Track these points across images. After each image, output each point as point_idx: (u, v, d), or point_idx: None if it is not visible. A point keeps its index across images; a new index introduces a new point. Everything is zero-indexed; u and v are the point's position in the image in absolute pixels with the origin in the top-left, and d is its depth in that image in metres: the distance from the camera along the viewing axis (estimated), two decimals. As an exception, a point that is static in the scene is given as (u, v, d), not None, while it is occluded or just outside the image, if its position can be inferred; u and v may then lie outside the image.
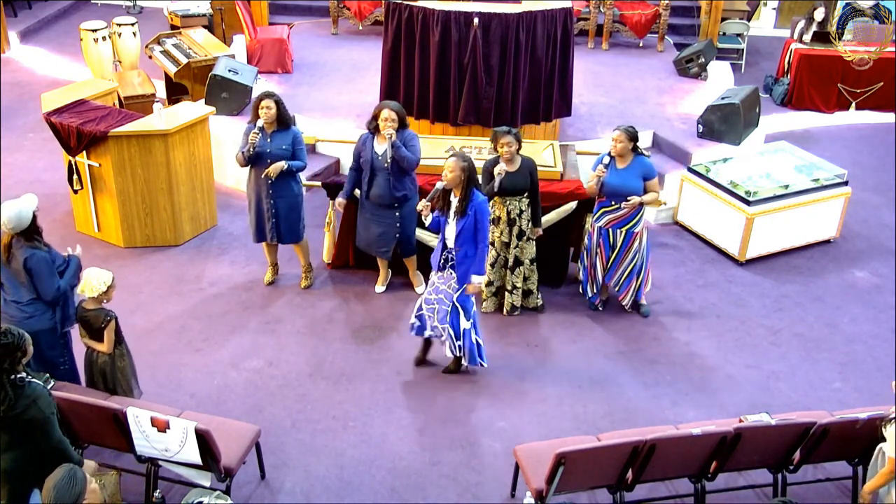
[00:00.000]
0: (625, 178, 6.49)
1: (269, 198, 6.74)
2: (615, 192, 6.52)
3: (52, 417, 4.17)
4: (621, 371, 6.41)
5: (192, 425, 4.53)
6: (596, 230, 6.75)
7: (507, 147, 6.36)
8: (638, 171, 6.52)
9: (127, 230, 7.62)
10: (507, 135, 6.38)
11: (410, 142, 6.59)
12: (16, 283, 5.18)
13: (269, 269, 7.26)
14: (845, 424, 4.86)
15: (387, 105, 6.57)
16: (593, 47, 11.63)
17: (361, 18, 11.65)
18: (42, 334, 5.23)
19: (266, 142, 6.59)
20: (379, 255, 6.97)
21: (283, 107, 6.63)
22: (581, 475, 4.72)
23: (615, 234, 6.67)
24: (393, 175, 6.57)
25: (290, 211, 6.83)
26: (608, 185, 6.51)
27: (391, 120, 6.46)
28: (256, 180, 6.73)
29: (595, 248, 6.80)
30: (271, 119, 6.57)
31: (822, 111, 10.94)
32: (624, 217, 6.59)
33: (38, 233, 5.19)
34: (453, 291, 5.89)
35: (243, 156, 6.58)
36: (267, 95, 6.58)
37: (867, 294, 7.44)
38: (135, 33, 10.16)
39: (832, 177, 7.98)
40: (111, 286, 5.24)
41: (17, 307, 5.20)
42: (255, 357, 6.42)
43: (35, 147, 9.35)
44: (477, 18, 7.80)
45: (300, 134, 6.81)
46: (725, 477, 5.13)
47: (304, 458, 5.53)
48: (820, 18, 10.93)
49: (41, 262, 5.13)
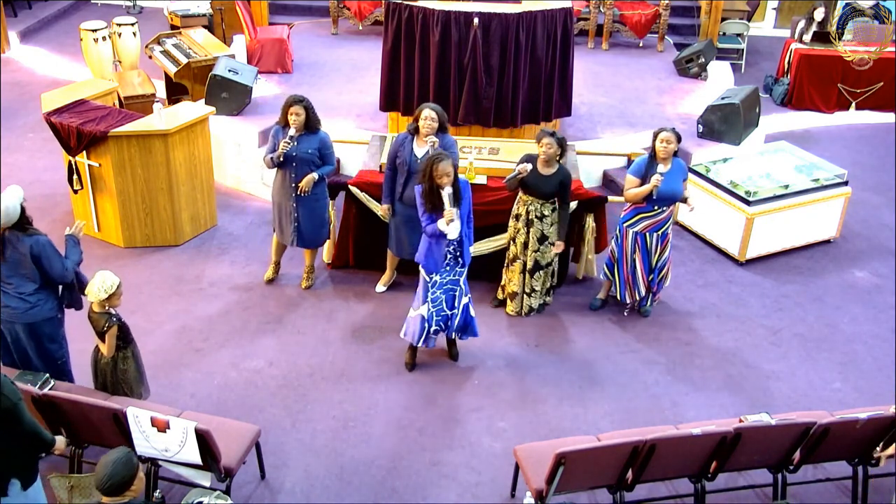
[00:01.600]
0: (671, 182, 6.35)
1: (294, 201, 6.72)
2: (664, 198, 6.39)
3: (20, 403, 4.18)
4: (621, 371, 6.41)
5: (192, 425, 4.53)
6: (630, 235, 6.61)
7: (546, 148, 6.32)
8: (680, 173, 6.47)
9: (127, 230, 7.62)
10: (549, 137, 6.34)
11: (451, 148, 6.42)
12: (18, 276, 5.17)
13: (271, 267, 7.25)
14: (845, 424, 4.86)
15: (428, 106, 6.44)
16: (593, 47, 11.63)
17: (361, 18, 11.65)
18: (45, 324, 5.26)
19: (293, 145, 6.57)
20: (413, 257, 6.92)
21: (312, 112, 6.59)
22: (581, 475, 4.72)
23: (652, 238, 6.60)
24: None
25: (313, 214, 6.82)
26: (661, 191, 6.33)
27: (431, 120, 6.36)
28: (282, 183, 6.71)
29: (631, 255, 6.67)
30: (300, 125, 6.54)
31: (822, 111, 10.95)
32: (661, 221, 6.53)
33: (28, 222, 5.19)
34: (459, 276, 5.95)
35: (272, 161, 6.58)
36: (297, 101, 6.53)
37: (867, 294, 7.44)
38: (135, 33, 10.16)
39: (832, 177, 7.98)
40: (114, 294, 5.15)
41: (20, 299, 5.19)
42: (255, 357, 6.42)
43: (35, 147, 9.35)
44: (477, 18, 7.80)
45: (328, 137, 6.76)
46: (725, 477, 5.13)
47: (304, 458, 5.53)
48: (820, 18, 10.94)
49: (45, 245, 5.14)
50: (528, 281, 6.76)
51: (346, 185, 7.11)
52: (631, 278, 6.78)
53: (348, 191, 7.10)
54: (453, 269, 5.94)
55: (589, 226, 7.05)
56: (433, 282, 5.96)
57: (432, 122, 6.37)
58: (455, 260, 5.93)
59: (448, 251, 5.88)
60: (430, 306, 5.99)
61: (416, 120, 6.48)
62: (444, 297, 6.00)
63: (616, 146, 8.91)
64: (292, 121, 6.50)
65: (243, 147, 8.62)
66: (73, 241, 5.37)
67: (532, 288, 6.79)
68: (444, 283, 5.96)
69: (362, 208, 7.12)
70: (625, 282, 6.82)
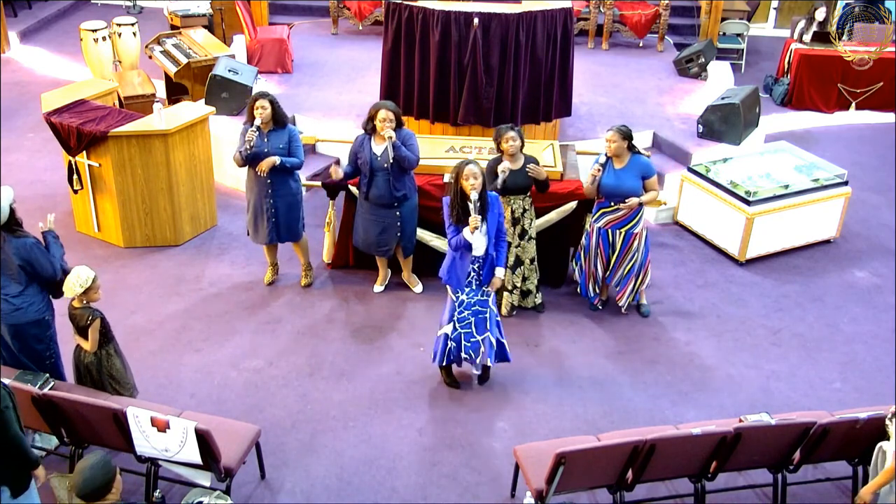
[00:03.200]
0: (622, 178, 6.47)
1: (269, 197, 6.73)
2: (613, 193, 6.51)
3: (6, 412, 4.13)
4: (621, 371, 6.41)
5: (192, 425, 4.53)
6: (595, 231, 6.73)
7: (512, 142, 6.34)
8: (636, 170, 6.50)
9: (127, 230, 7.62)
10: (510, 131, 6.37)
11: (409, 141, 6.58)
12: (4, 277, 5.14)
13: (269, 269, 7.26)
14: (845, 424, 4.86)
15: (383, 105, 6.54)
16: (593, 47, 11.63)
17: (361, 18, 11.65)
18: (30, 326, 5.23)
19: (263, 142, 6.59)
20: (379, 254, 6.96)
21: (277, 106, 6.64)
22: (581, 475, 4.72)
23: (614, 234, 6.65)
24: (393, 175, 6.56)
25: (289, 210, 6.83)
26: (605, 185, 6.49)
27: (389, 120, 6.45)
28: (255, 180, 6.72)
29: (595, 249, 6.78)
30: (267, 119, 6.57)
31: (822, 111, 10.95)
32: (623, 218, 6.58)
33: (18, 224, 5.18)
34: (487, 296, 5.81)
35: (241, 155, 6.58)
36: (261, 95, 6.59)
37: (867, 294, 7.44)
38: (135, 33, 10.17)
39: (832, 177, 7.98)
40: (91, 288, 5.11)
41: (5, 301, 5.17)
42: (255, 357, 6.42)
43: (35, 147, 9.35)
44: (477, 18, 7.80)
45: (297, 132, 6.80)
46: (725, 477, 5.13)
47: (304, 458, 5.53)
48: (820, 18, 10.93)
49: (33, 247, 5.14)
50: (508, 276, 6.76)
51: (346, 185, 7.11)
52: (593, 273, 6.88)
53: (348, 191, 7.10)
54: (479, 289, 5.78)
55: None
56: (459, 300, 5.81)
57: (391, 122, 6.46)
58: (479, 279, 5.76)
59: (473, 269, 5.73)
60: (457, 325, 5.86)
61: (371, 120, 6.52)
62: (473, 320, 5.82)
63: (616, 146, 8.90)
64: (258, 114, 6.53)
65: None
66: (52, 235, 5.36)
67: (513, 284, 6.79)
68: (471, 304, 5.80)
69: (362, 208, 7.12)
70: (587, 276, 6.92)
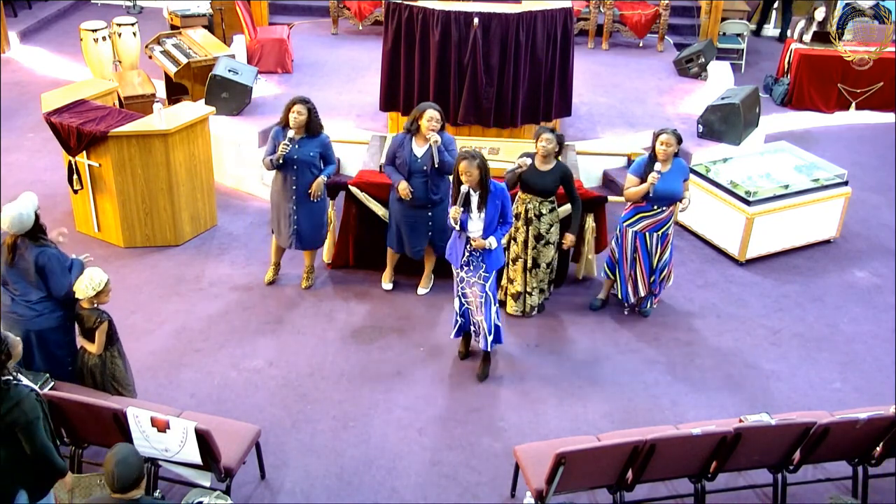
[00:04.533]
0: (670, 181, 6.38)
1: (294, 203, 6.71)
2: (664, 197, 6.42)
3: (36, 422, 4.13)
4: (621, 371, 6.41)
5: (192, 425, 4.53)
6: (630, 235, 6.62)
7: (546, 143, 6.34)
8: (680, 173, 6.47)
9: (127, 230, 7.62)
10: (548, 132, 6.39)
11: (451, 146, 6.51)
12: (24, 283, 5.19)
13: (271, 268, 7.25)
14: (845, 424, 4.86)
15: (430, 106, 6.46)
16: (593, 47, 11.63)
17: (361, 18, 11.65)
18: (51, 332, 5.27)
19: (294, 148, 6.54)
20: (413, 255, 6.93)
21: (315, 114, 6.55)
22: (581, 475, 4.72)
23: (652, 237, 6.61)
24: (430, 178, 6.52)
25: (313, 216, 6.80)
26: (656, 190, 6.37)
27: (436, 121, 6.39)
28: (282, 185, 6.68)
29: (632, 254, 6.68)
30: (300, 124, 6.49)
31: (822, 111, 10.94)
32: (661, 220, 6.53)
33: (42, 231, 5.21)
34: (484, 281, 5.91)
35: (271, 163, 6.54)
36: (300, 101, 6.50)
37: (867, 294, 7.44)
38: (135, 33, 10.17)
39: (832, 177, 7.98)
40: (102, 291, 5.16)
41: (26, 306, 5.21)
42: (255, 357, 6.42)
43: (35, 147, 9.35)
44: (477, 18, 7.80)
45: (328, 139, 6.74)
46: (725, 477, 5.13)
47: (304, 458, 5.53)
48: (820, 18, 10.93)
49: (52, 258, 5.15)
50: (528, 279, 6.76)
51: (346, 185, 7.11)
52: (633, 277, 6.78)
53: (348, 191, 7.10)
54: (476, 272, 5.91)
55: (589, 226, 7.05)
56: (459, 277, 6.02)
57: (437, 122, 6.40)
58: (477, 262, 5.88)
59: (466, 249, 5.87)
60: (462, 300, 6.06)
61: (415, 120, 6.47)
62: (472, 298, 5.98)
63: (616, 146, 8.91)
64: (293, 119, 6.46)
65: (243, 147, 8.63)
66: (80, 264, 5.33)
67: (533, 286, 6.79)
68: (470, 284, 5.95)
69: (362, 208, 7.12)
70: (626, 280, 6.82)
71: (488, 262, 5.88)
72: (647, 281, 6.76)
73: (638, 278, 6.76)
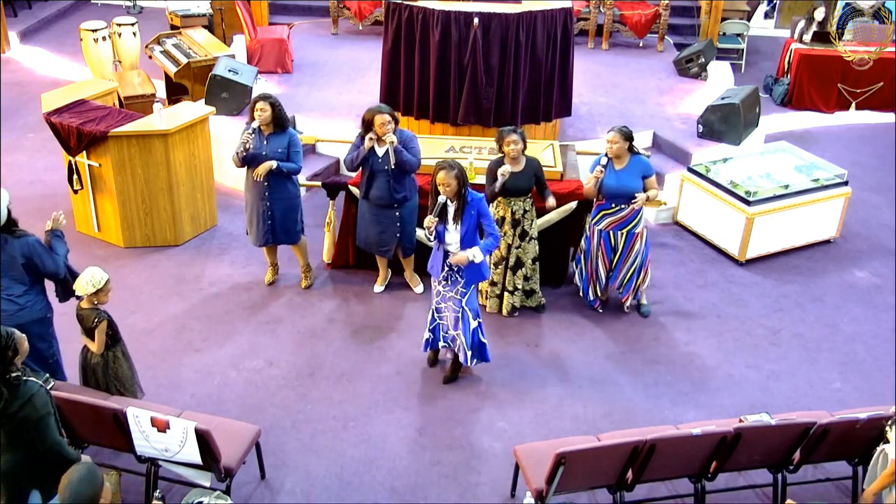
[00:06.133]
0: (624, 178, 6.46)
1: (266, 199, 6.71)
2: (615, 194, 6.50)
3: (47, 417, 4.14)
4: (621, 371, 6.41)
5: (192, 425, 4.53)
6: (596, 233, 6.71)
7: (514, 145, 6.34)
8: (636, 170, 6.50)
9: (127, 230, 7.62)
10: (512, 133, 6.36)
11: (410, 143, 6.55)
12: (8, 278, 5.16)
13: (270, 270, 7.26)
14: (845, 424, 4.86)
15: (379, 110, 6.46)
16: (593, 47, 11.63)
17: (361, 18, 11.65)
18: (34, 325, 5.23)
19: (262, 144, 6.57)
20: (380, 254, 6.95)
21: (279, 109, 6.59)
22: (581, 475, 4.72)
23: (616, 236, 6.65)
24: (393, 177, 6.54)
25: (286, 212, 6.80)
26: (607, 186, 6.47)
27: (388, 123, 6.40)
28: (253, 182, 6.70)
29: (596, 252, 6.76)
30: (266, 121, 6.54)
31: (822, 111, 10.95)
32: (624, 219, 6.58)
33: (15, 224, 5.20)
34: (461, 296, 5.82)
35: (238, 157, 6.57)
36: (263, 98, 6.56)
37: (867, 294, 7.44)
38: (135, 33, 10.17)
39: (832, 177, 7.98)
40: (102, 290, 5.15)
41: (9, 301, 5.18)
42: (255, 357, 6.42)
43: (35, 147, 9.35)
44: (477, 18, 7.80)
45: (296, 136, 6.75)
46: (725, 477, 5.13)
47: (304, 458, 5.53)
48: (820, 18, 10.93)
49: (35, 244, 5.17)
50: (510, 278, 6.76)
51: (346, 185, 7.11)
52: (594, 275, 6.86)
53: (348, 191, 7.10)
54: (454, 287, 5.83)
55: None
56: (436, 291, 5.94)
57: (390, 125, 6.41)
58: (455, 276, 5.79)
59: (446, 264, 5.78)
60: (435, 315, 6.00)
61: (369, 126, 6.43)
62: (447, 312, 5.92)
63: (616, 146, 8.90)
64: (257, 116, 6.51)
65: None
66: (56, 234, 5.39)
67: (515, 286, 6.79)
68: (446, 298, 5.87)
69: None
70: (588, 279, 6.91)
71: (467, 276, 5.77)
72: (606, 277, 6.82)
73: (601, 275, 6.83)
